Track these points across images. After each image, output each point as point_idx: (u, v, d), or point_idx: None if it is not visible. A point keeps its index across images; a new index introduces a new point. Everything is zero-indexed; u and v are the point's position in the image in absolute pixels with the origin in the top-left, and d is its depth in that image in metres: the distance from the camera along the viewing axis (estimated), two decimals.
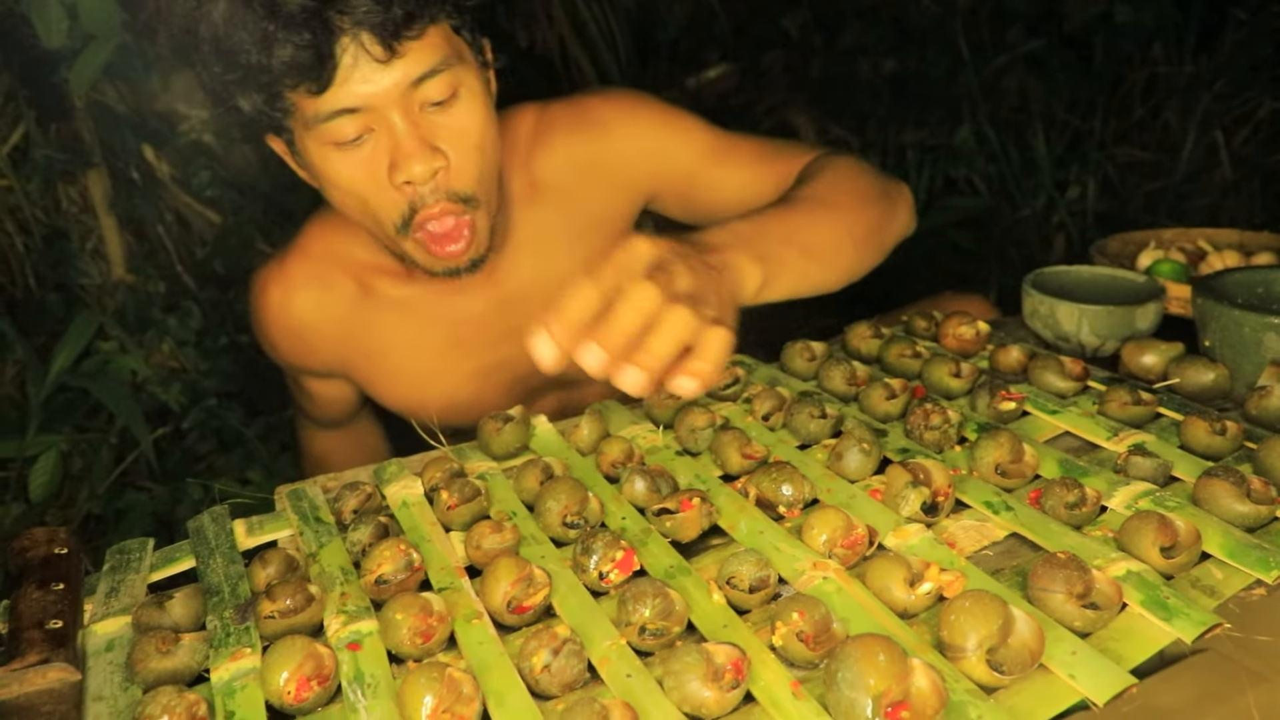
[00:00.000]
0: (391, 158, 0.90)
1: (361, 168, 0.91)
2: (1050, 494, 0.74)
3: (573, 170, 1.10)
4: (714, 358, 0.65)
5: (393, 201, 0.93)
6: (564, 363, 0.65)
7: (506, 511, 0.78)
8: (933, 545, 0.70)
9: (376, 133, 0.90)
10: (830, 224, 0.89)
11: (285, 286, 1.12)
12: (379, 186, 0.92)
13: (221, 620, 0.67)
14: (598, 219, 1.13)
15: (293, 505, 0.82)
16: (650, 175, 1.12)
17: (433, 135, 0.91)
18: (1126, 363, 1.00)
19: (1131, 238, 1.37)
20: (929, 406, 0.86)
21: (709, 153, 1.10)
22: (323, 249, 1.13)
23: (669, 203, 1.15)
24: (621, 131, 1.11)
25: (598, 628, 0.64)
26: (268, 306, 1.14)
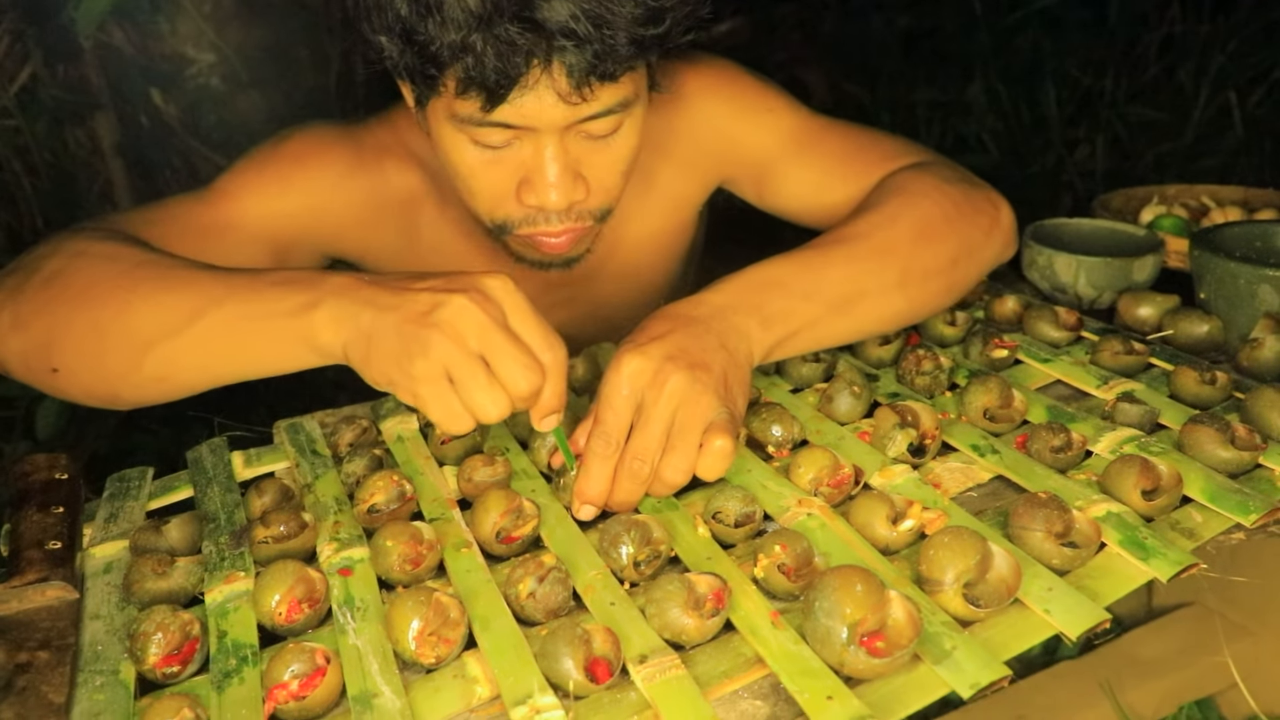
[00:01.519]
0: (528, 174, 0.81)
1: (492, 170, 0.81)
2: (1036, 438, 0.74)
3: (652, 144, 1.00)
4: (714, 475, 0.69)
5: (507, 209, 0.84)
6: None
7: (499, 447, 0.80)
8: (917, 485, 0.71)
9: (522, 143, 0.79)
10: (874, 271, 0.80)
11: (346, 164, 0.97)
12: (501, 192, 0.83)
13: (217, 545, 0.69)
14: (671, 198, 1.06)
15: (290, 438, 0.83)
16: (722, 159, 1.04)
17: (579, 162, 0.81)
18: (1122, 314, 1.00)
19: (1135, 193, 1.37)
20: (921, 353, 0.87)
21: (788, 143, 1.01)
22: (398, 147, 0.99)
23: (743, 187, 1.07)
24: (698, 107, 1.01)
25: (583, 557, 0.65)
26: (314, 173, 0.96)
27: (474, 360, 0.63)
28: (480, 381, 0.63)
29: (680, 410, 0.67)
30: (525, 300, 0.66)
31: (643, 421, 0.67)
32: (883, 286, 0.80)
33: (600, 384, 0.69)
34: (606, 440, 0.67)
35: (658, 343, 0.69)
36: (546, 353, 0.65)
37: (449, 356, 0.62)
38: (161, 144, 1.93)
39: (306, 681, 0.54)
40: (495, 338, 0.63)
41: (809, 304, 0.77)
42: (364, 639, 0.59)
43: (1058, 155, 2.51)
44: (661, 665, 0.55)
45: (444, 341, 0.62)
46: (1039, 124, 2.55)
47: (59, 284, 0.75)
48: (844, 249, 0.80)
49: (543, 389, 0.66)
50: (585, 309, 1.12)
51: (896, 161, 0.97)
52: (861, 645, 0.54)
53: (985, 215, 0.90)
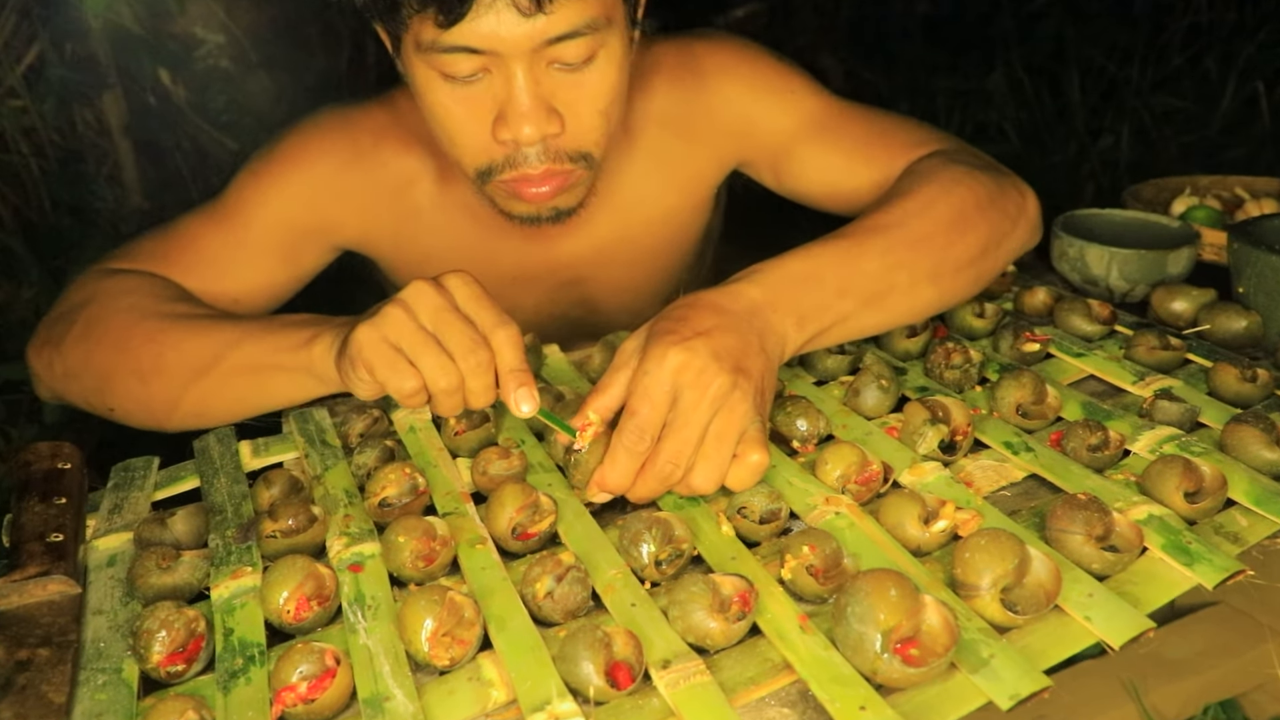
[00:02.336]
0: (501, 109, 0.79)
1: (465, 106, 0.81)
2: (1072, 436, 0.72)
3: (668, 121, 1.00)
4: (743, 487, 0.67)
5: (486, 150, 0.83)
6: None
7: (515, 439, 0.77)
8: (949, 484, 0.68)
9: (492, 75, 0.78)
10: (908, 263, 0.77)
11: (342, 154, 0.97)
12: (477, 131, 0.82)
13: (223, 539, 0.66)
14: (686, 178, 1.04)
15: (299, 428, 0.81)
16: (741, 140, 1.02)
17: (553, 95, 0.80)
18: (1156, 308, 0.97)
19: (1166, 184, 1.33)
20: (950, 345, 0.84)
21: (809, 126, 0.99)
22: (397, 128, 0.99)
23: (761, 170, 1.04)
24: (718, 86, 0.99)
25: (602, 555, 0.62)
26: (311, 169, 0.97)
27: (425, 335, 0.65)
28: (430, 350, 0.65)
29: (719, 416, 0.65)
30: (479, 288, 0.68)
31: (680, 423, 0.64)
32: (915, 279, 0.78)
33: (637, 371, 0.66)
34: (640, 434, 0.64)
35: (703, 339, 0.66)
36: (497, 330, 0.66)
37: (400, 328, 0.65)
38: (170, 125, 1.91)
39: (316, 684, 0.52)
40: (445, 315, 0.65)
41: (843, 300, 0.74)
42: (375, 639, 0.56)
43: (1080, 144, 2.47)
44: (685, 671, 0.52)
45: (398, 314, 0.65)
46: (1062, 113, 2.51)
47: (97, 335, 0.84)
48: (879, 239, 0.77)
49: (497, 365, 0.66)
50: (596, 291, 1.09)
51: (921, 148, 0.94)
52: (896, 653, 0.51)
53: (1013, 204, 0.88)
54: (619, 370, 0.69)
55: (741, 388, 0.65)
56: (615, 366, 0.69)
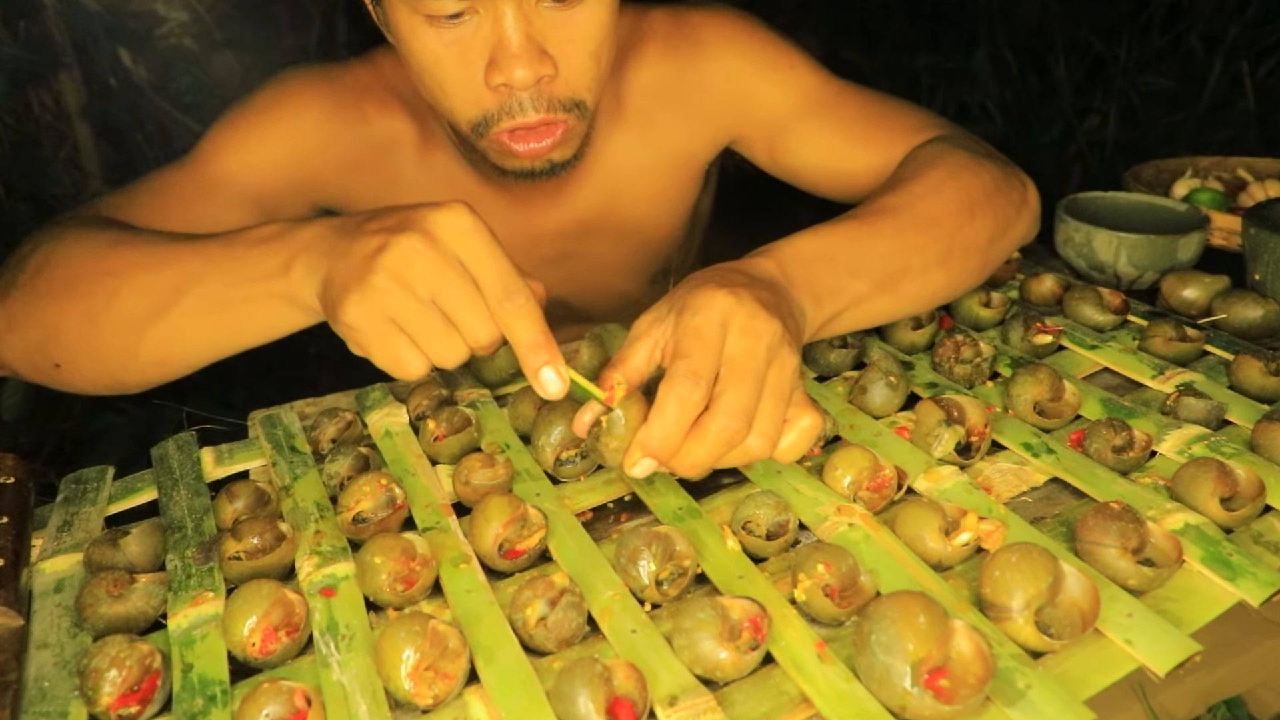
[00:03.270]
0: (492, 53, 0.75)
1: (453, 51, 0.76)
2: (1095, 436, 0.67)
3: (659, 92, 0.96)
4: (794, 456, 0.61)
5: (478, 99, 0.78)
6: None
7: (499, 443, 0.72)
8: (968, 490, 0.64)
9: (480, 15, 0.74)
10: (918, 246, 0.73)
11: (324, 107, 0.92)
12: (468, 79, 0.77)
13: (182, 559, 0.61)
14: (676, 153, 1.00)
15: (266, 433, 0.75)
16: (736, 114, 0.97)
17: (545, 36, 0.75)
18: (1166, 296, 0.93)
19: (1166, 165, 1.29)
20: (959, 338, 0.79)
21: (806, 103, 0.94)
22: (378, 87, 0.94)
23: (755, 148, 1.00)
24: (714, 57, 0.95)
25: (598, 575, 0.57)
26: (292, 120, 0.91)
27: (425, 307, 0.56)
28: (435, 330, 0.57)
29: (773, 368, 0.57)
30: (484, 237, 0.57)
31: (739, 372, 0.56)
32: (926, 263, 0.73)
33: (683, 315, 0.58)
34: (695, 379, 0.55)
35: (746, 289, 0.59)
36: (505, 301, 0.57)
37: (394, 303, 0.56)
38: (131, 107, 1.83)
39: None
40: (445, 282, 0.56)
41: (856, 281, 0.69)
42: (350, 674, 0.51)
43: (1067, 124, 2.43)
44: (694, 708, 0.48)
45: (389, 286, 0.56)
46: (1047, 93, 2.47)
47: (44, 279, 0.73)
48: (889, 220, 0.73)
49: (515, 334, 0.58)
50: (581, 268, 1.04)
51: (921, 133, 0.90)
52: (926, 686, 0.47)
53: (1016, 193, 0.84)
54: (640, 340, 0.61)
55: (789, 340, 0.59)
56: (635, 337, 0.61)
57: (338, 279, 0.58)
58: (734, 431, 0.55)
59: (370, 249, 0.57)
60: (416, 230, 0.56)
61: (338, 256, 0.59)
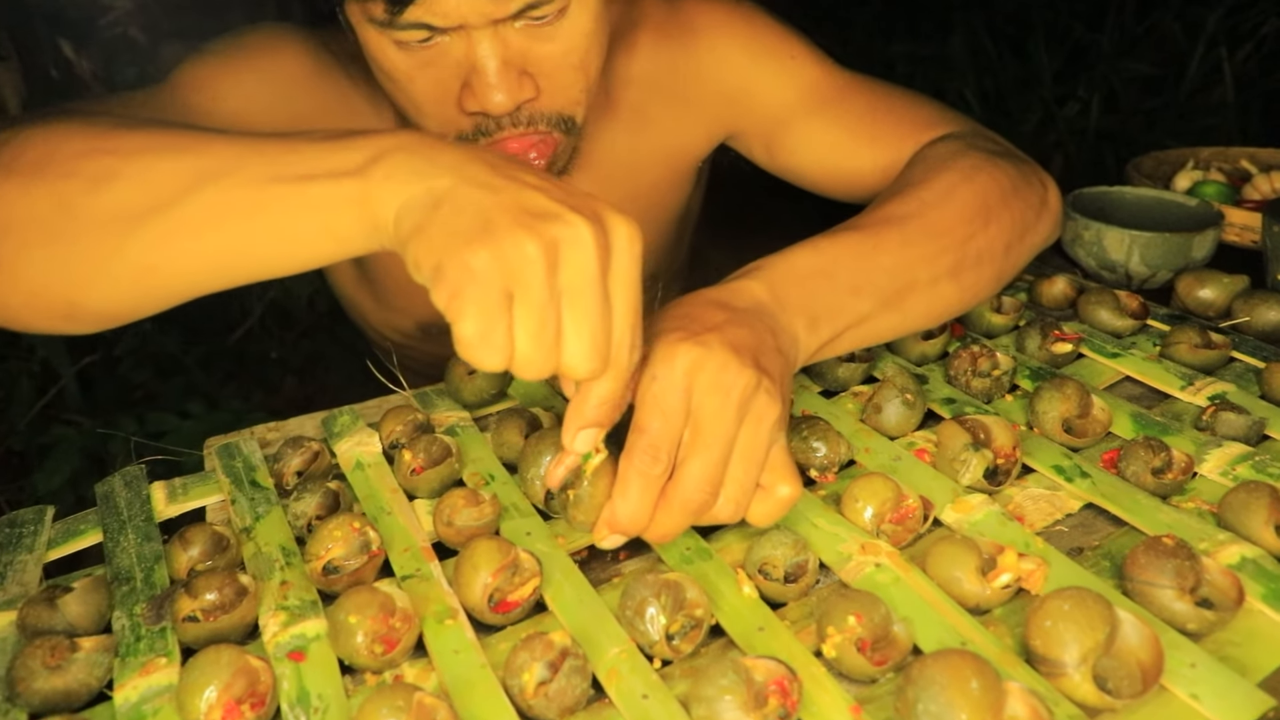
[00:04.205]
0: (466, 78, 0.68)
1: (427, 74, 0.69)
2: (1132, 457, 0.62)
3: (651, 84, 0.89)
4: (766, 523, 0.56)
5: (455, 120, 0.71)
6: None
7: (483, 474, 0.65)
8: (1001, 521, 0.58)
9: (451, 39, 0.67)
10: (927, 258, 0.67)
11: (312, 62, 0.83)
12: (442, 100, 0.70)
13: (131, 618, 0.54)
14: (668, 148, 0.93)
15: (224, 464, 0.68)
16: (733, 107, 0.91)
17: (524, 56, 0.69)
18: (1182, 296, 0.88)
19: (1165, 156, 1.25)
20: (975, 349, 0.74)
21: (809, 96, 0.88)
22: (365, 56, 0.85)
23: (752, 144, 0.93)
24: (710, 45, 0.88)
25: (601, 629, 0.51)
26: (281, 66, 0.82)
27: (551, 303, 0.46)
28: (545, 332, 0.46)
29: (745, 425, 0.52)
30: (639, 261, 0.49)
31: (705, 437, 0.51)
32: (935, 276, 0.67)
33: (641, 379, 0.53)
34: (655, 455, 0.51)
35: (715, 334, 0.53)
36: (628, 350, 0.49)
37: (531, 279, 0.45)
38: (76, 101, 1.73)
39: None
40: (589, 289, 0.47)
41: (858, 299, 0.63)
42: None
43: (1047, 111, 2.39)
44: None
45: (538, 258, 0.45)
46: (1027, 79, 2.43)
47: (7, 155, 0.56)
48: (895, 231, 0.67)
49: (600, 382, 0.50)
50: None
51: (933, 129, 0.84)
52: None
53: (1035, 194, 0.78)
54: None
55: (767, 389, 0.53)
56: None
57: (466, 207, 0.47)
58: (700, 503, 0.51)
59: (533, 204, 0.47)
60: (596, 221, 0.47)
61: (470, 181, 0.48)
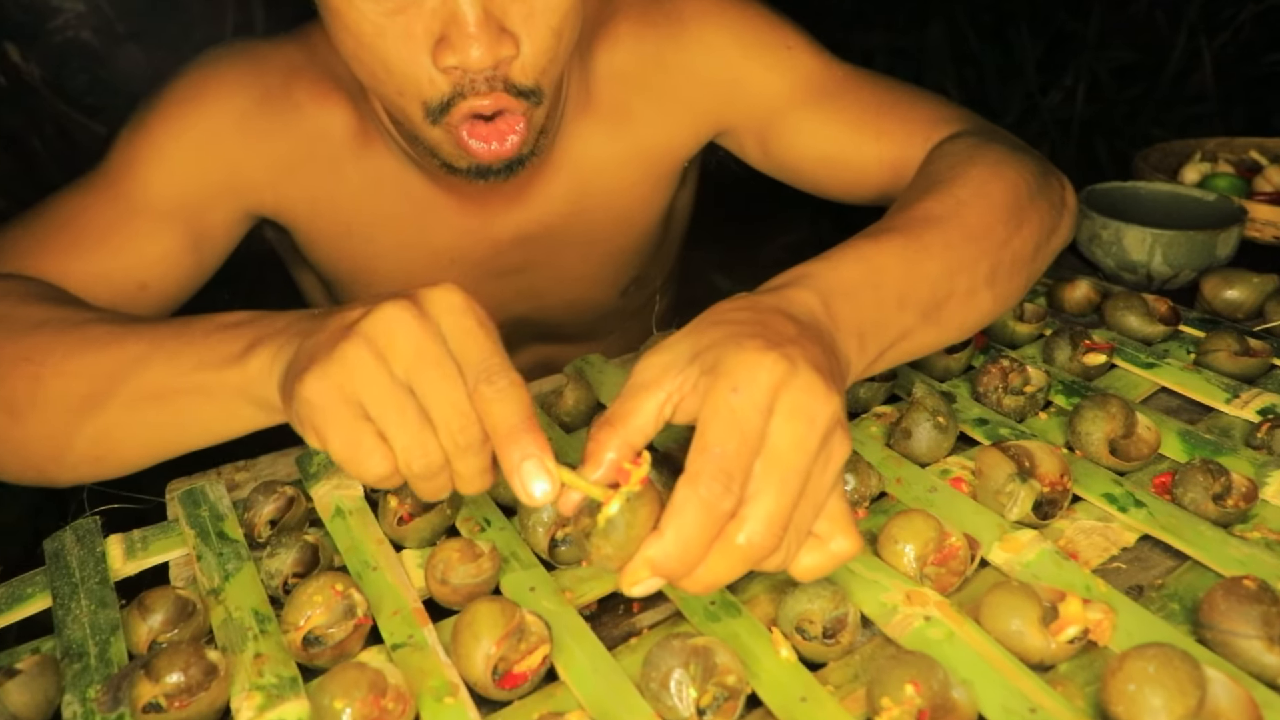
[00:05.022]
0: (443, 28, 0.63)
1: (396, 23, 0.64)
2: (1189, 482, 0.57)
3: (633, 78, 0.84)
4: (812, 578, 0.46)
5: (429, 82, 0.66)
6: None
7: (478, 519, 0.59)
8: (1056, 561, 0.53)
9: None
10: (968, 265, 0.60)
11: (250, 95, 0.78)
12: (413, 57, 0.65)
13: (84, 703, 0.47)
14: (653, 147, 0.87)
15: (188, 514, 0.62)
16: (722, 102, 0.85)
17: (505, 10, 0.64)
18: (1209, 298, 0.83)
19: (1171, 148, 1.20)
20: (1005, 364, 0.69)
21: (806, 88, 0.82)
22: (311, 69, 0.80)
23: (744, 140, 0.88)
24: (697, 37, 0.82)
25: (622, 703, 0.45)
26: (213, 114, 0.77)
27: (401, 392, 0.44)
28: (408, 421, 0.43)
29: (819, 464, 0.43)
30: (477, 317, 0.46)
31: (782, 469, 0.42)
32: (974, 284, 0.61)
33: (715, 387, 0.43)
34: (727, 482, 0.41)
35: (799, 349, 0.45)
36: (486, 383, 0.44)
37: (367, 381, 0.43)
38: (25, 109, 1.64)
39: None
40: (426, 360, 0.44)
41: (903, 313, 0.56)
42: None
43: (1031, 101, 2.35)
44: None
45: (363, 358, 0.43)
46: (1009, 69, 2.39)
47: None
48: (937, 233, 0.59)
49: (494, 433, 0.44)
50: (545, 279, 0.91)
51: (944, 124, 0.78)
52: None
53: (1056, 193, 0.72)
54: (647, 391, 0.46)
55: (844, 423, 0.45)
56: (640, 385, 0.46)
57: (304, 355, 0.46)
58: (765, 550, 0.42)
59: (348, 319, 0.45)
60: (406, 300, 0.45)
61: (309, 335, 0.48)
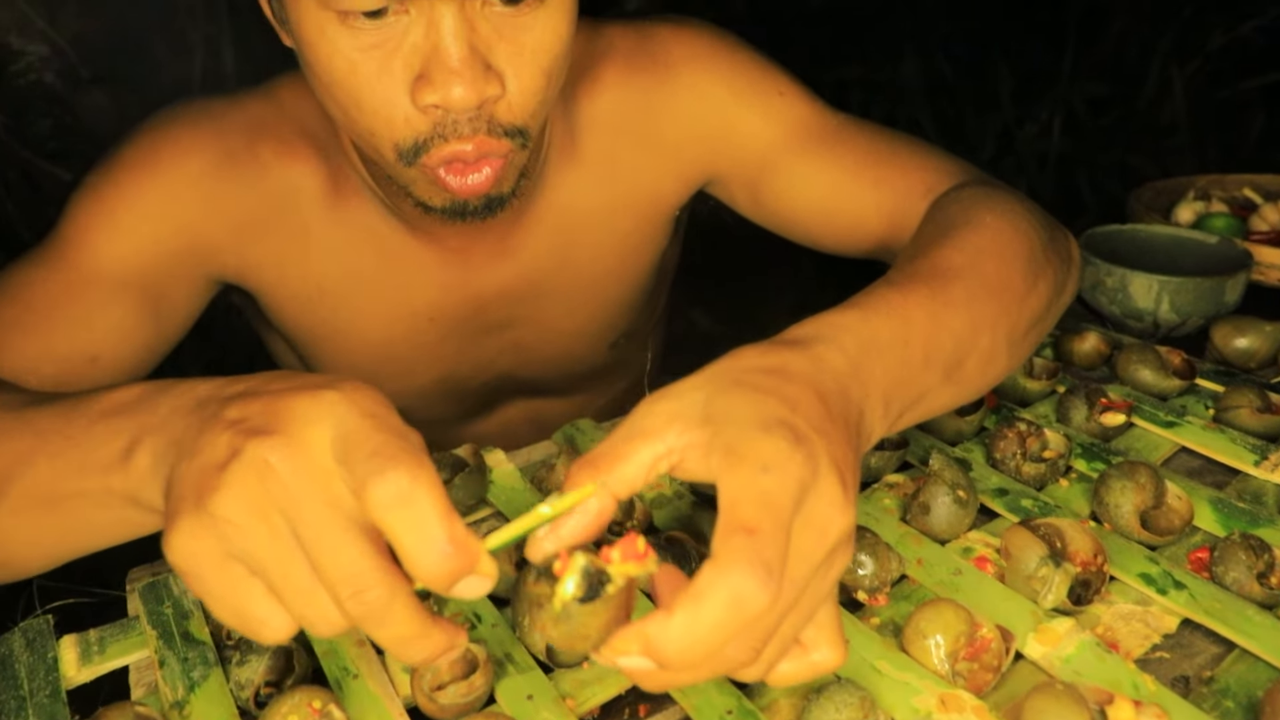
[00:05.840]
0: (424, 65, 0.59)
1: (373, 58, 0.59)
2: (1230, 560, 0.53)
3: (621, 124, 0.81)
4: (785, 684, 0.42)
5: (404, 121, 0.62)
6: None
7: (467, 614, 0.55)
8: (1097, 654, 0.49)
9: (409, 16, 0.58)
10: (990, 320, 0.56)
11: (210, 156, 0.73)
12: (391, 94, 0.60)
13: None
14: (641, 196, 0.84)
15: (149, 611, 0.57)
16: (713, 148, 0.82)
17: (490, 46, 0.60)
18: (1219, 346, 0.80)
19: (1163, 186, 1.18)
20: (1022, 427, 0.65)
21: (800, 135, 0.79)
22: (278, 124, 0.76)
23: (734, 189, 0.85)
24: (689, 81, 0.79)
25: None
26: (170, 178, 0.72)
27: (279, 544, 0.36)
28: (295, 578, 0.37)
29: (817, 577, 0.39)
30: (377, 430, 0.38)
31: (798, 571, 0.38)
32: (995, 341, 0.57)
33: (741, 463, 0.38)
34: (769, 573, 0.36)
35: (824, 442, 0.41)
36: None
37: (238, 539, 0.36)
38: None
39: None
40: (304, 511, 0.36)
41: (927, 372, 0.52)
42: None
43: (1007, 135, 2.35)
44: None
45: (231, 515, 0.36)
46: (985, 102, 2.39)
47: None
48: (960, 286, 0.56)
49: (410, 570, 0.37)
50: (530, 334, 0.87)
51: (944, 174, 0.75)
52: None
53: (1063, 246, 0.69)
54: (645, 440, 0.41)
55: (851, 537, 0.41)
56: (639, 431, 0.41)
57: (174, 492, 0.39)
58: (739, 662, 0.38)
59: (218, 454, 0.38)
60: (279, 433, 0.37)
61: (183, 450, 0.40)
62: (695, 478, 0.41)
